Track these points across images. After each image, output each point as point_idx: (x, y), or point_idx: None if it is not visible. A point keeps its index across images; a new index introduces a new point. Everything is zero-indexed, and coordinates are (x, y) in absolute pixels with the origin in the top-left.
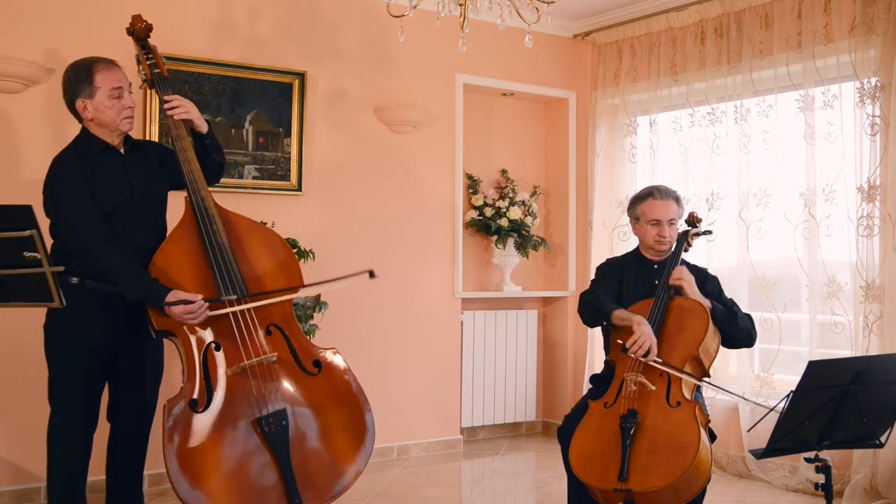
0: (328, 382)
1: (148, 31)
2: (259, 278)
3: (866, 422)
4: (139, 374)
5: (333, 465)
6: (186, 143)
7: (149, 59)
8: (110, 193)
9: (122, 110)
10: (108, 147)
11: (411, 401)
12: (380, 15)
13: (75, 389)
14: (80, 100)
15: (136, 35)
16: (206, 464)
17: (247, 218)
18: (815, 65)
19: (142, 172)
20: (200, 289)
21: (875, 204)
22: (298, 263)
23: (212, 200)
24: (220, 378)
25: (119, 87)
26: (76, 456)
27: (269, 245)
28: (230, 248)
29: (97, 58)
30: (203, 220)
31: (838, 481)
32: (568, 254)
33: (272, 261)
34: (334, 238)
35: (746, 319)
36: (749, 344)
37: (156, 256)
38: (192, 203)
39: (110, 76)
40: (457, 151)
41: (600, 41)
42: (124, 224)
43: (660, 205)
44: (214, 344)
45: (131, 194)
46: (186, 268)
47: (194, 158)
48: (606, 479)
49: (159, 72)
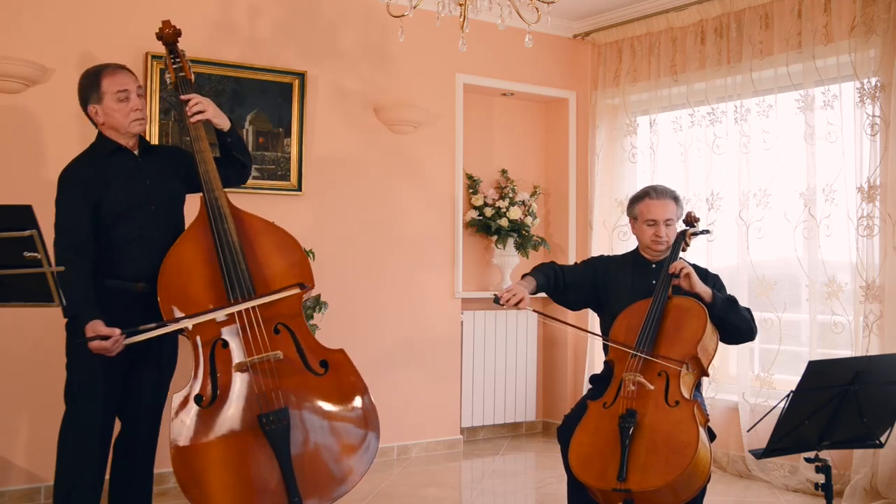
0: (334, 383)
1: (176, 37)
2: (268, 278)
3: (866, 422)
4: (155, 370)
5: (335, 465)
6: (204, 143)
7: (175, 64)
8: (124, 192)
9: (130, 112)
10: (121, 148)
11: (411, 401)
12: (380, 15)
13: (94, 389)
14: (92, 105)
15: (164, 40)
16: (208, 458)
17: (261, 218)
18: (815, 65)
19: (156, 172)
20: (209, 289)
21: (875, 204)
22: (310, 264)
23: (226, 200)
24: (226, 374)
25: (124, 89)
26: (90, 456)
27: (281, 245)
28: (240, 248)
29: (107, 64)
30: (215, 219)
31: (838, 481)
32: (568, 254)
33: (283, 261)
34: (334, 238)
35: (746, 312)
36: (751, 336)
37: (167, 255)
38: (206, 202)
39: (115, 80)
40: (457, 151)
41: (600, 41)
42: (140, 223)
43: (656, 205)
44: (222, 341)
45: (145, 193)
46: (197, 268)
47: (211, 159)
48: (605, 479)
49: (184, 75)
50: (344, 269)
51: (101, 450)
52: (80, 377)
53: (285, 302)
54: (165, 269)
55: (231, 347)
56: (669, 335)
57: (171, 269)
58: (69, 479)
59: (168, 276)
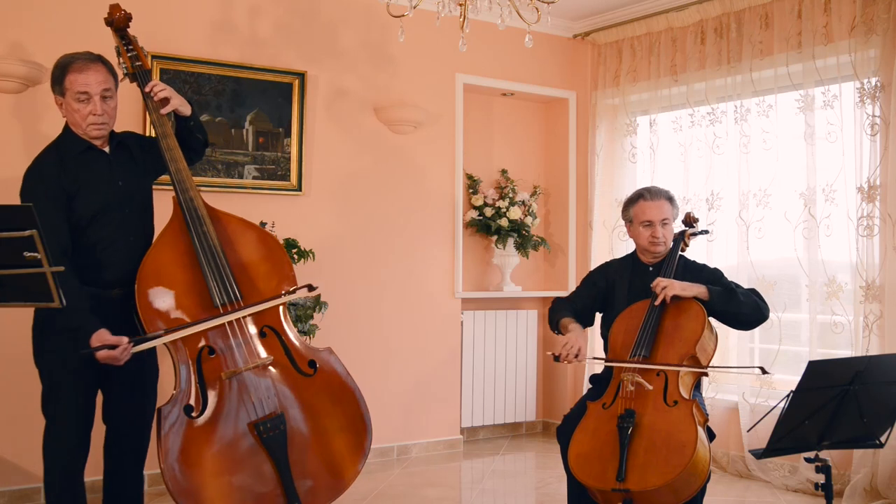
0: (324, 383)
1: (127, 21)
2: (252, 280)
3: (866, 422)
4: (136, 376)
5: (332, 465)
6: (173, 140)
7: (129, 52)
8: (95, 195)
9: (88, 115)
10: (92, 147)
11: (411, 401)
12: (380, 15)
13: (69, 398)
14: (56, 97)
15: (114, 25)
16: (203, 469)
17: (237, 217)
18: (815, 65)
19: (128, 171)
20: (192, 295)
21: (875, 204)
22: (291, 262)
23: (201, 200)
24: (215, 382)
25: (84, 91)
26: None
27: (261, 244)
28: (222, 251)
29: (78, 56)
30: (193, 221)
31: (838, 481)
32: (568, 254)
33: (265, 261)
34: (334, 238)
35: (751, 294)
36: (761, 316)
37: (143, 263)
38: (180, 203)
39: (79, 79)
40: (457, 151)
41: (600, 41)
42: (114, 226)
43: (651, 206)
44: (208, 348)
45: (119, 196)
46: (177, 273)
47: (181, 157)
48: (605, 479)
49: (141, 65)
50: (344, 269)
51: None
52: (52, 387)
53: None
54: (143, 278)
55: (218, 355)
56: (668, 336)
57: (149, 277)
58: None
59: (147, 284)
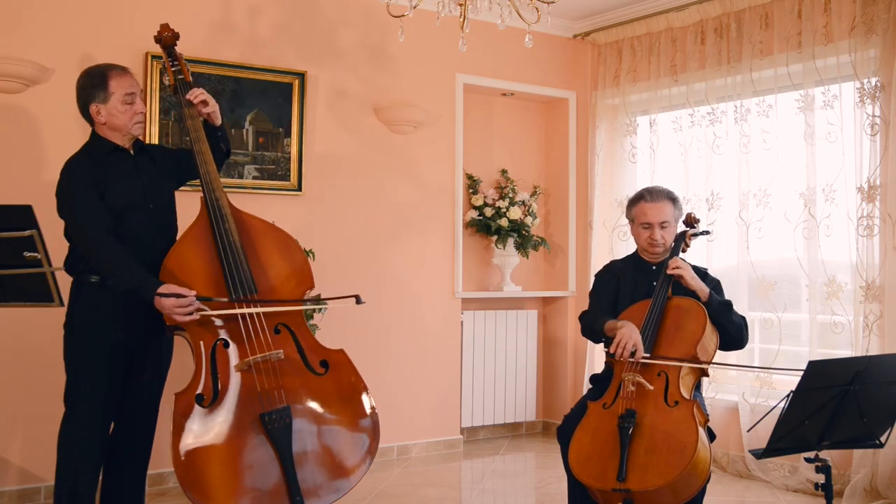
0: (335, 383)
1: (174, 40)
2: (270, 279)
3: (866, 422)
4: (153, 371)
5: (337, 465)
6: (205, 144)
7: (174, 66)
8: (122, 191)
9: (135, 115)
10: (119, 148)
11: (411, 401)
12: (380, 15)
13: (96, 389)
14: (94, 104)
15: (162, 43)
16: (210, 458)
17: (260, 219)
18: (815, 65)
19: (150, 173)
20: (211, 288)
21: (875, 204)
22: (310, 265)
23: (226, 201)
24: (228, 374)
25: (132, 92)
26: (89, 458)
27: (282, 246)
28: (242, 249)
29: (110, 64)
30: (217, 219)
31: (838, 481)
32: (568, 254)
33: (284, 262)
34: (334, 238)
35: (742, 318)
36: (740, 343)
37: (168, 255)
38: (206, 203)
39: (124, 82)
40: (457, 151)
41: (600, 41)
42: (139, 222)
43: (651, 207)
44: (223, 341)
45: (143, 192)
46: (198, 267)
47: (212, 160)
48: (605, 479)
49: (182, 78)
50: (344, 269)
51: (99, 450)
52: (80, 377)
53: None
54: (167, 270)
55: (232, 347)
56: (669, 335)
57: (172, 270)
58: (70, 481)
59: (169, 276)
